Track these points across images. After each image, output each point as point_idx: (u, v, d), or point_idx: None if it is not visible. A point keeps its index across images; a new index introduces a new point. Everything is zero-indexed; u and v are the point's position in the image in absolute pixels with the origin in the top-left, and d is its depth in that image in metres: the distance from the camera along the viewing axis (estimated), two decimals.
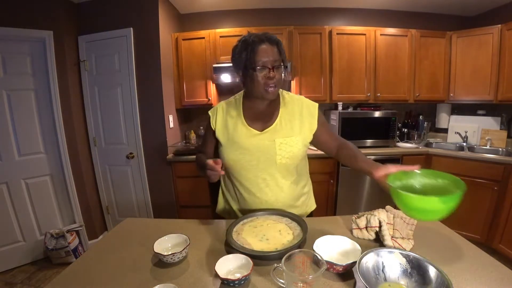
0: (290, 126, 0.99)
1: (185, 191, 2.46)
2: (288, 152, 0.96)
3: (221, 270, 0.66)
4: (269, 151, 0.96)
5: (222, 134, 1.02)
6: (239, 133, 0.98)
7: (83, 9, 2.31)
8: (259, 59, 0.86)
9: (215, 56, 2.53)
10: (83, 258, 0.84)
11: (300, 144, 0.98)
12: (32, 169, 2.16)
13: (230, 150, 0.99)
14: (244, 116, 1.00)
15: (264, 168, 0.98)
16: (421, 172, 0.77)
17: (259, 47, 0.86)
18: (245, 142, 0.97)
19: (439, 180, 0.74)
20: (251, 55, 0.86)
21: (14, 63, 2.02)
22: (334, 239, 0.78)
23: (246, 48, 0.87)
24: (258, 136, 0.97)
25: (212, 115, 1.06)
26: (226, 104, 1.06)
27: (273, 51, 0.87)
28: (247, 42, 0.88)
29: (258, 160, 0.97)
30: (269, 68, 0.87)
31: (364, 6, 2.83)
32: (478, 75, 2.46)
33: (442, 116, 2.89)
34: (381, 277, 0.63)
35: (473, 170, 2.18)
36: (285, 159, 0.96)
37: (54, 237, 2.13)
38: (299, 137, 0.98)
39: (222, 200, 1.16)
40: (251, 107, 1.01)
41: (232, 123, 1.01)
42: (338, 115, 2.50)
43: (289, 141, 0.96)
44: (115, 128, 2.45)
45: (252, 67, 0.87)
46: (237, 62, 0.92)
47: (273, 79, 0.88)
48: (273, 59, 0.87)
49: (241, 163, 0.98)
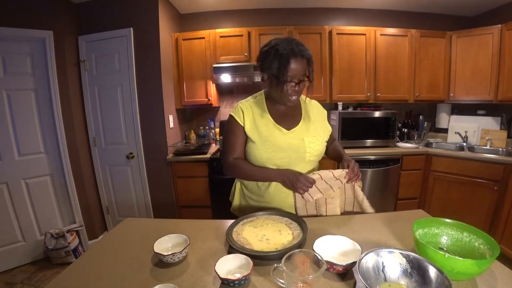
0: (313, 127, 1.07)
1: (185, 191, 2.46)
2: (316, 150, 1.04)
3: (221, 270, 0.66)
4: (299, 149, 1.02)
5: (253, 132, 1.03)
6: (271, 132, 1.03)
7: (83, 9, 2.31)
8: (291, 74, 0.91)
9: (215, 56, 2.53)
10: (83, 258, 0.83)
11: (324, 143, 1.08)
12: (32, 169, 2.16)
13: (263, 148, 1.01)
14: (271, 116, 1.05)
15: (294, 165, 1.03)
16: (448, 222, 0.76)
17: (292, 62, 0.89)
18: (278, 140, 1.02)
19: (464, 233, 0.74)
20: (283, 68, 0.89)
21: (14, 63, 2.02)
22: (334, 239, 0.78)
23: (279, 58, 0.89)
24: (288, 135, 1.03)
25: (237, 114, 1.06)
26: (249, 103, 1.08)
27: (303, 66, 0.92)
28: (280, 52, 0.89)
29: (290, 157, 1.02)
30: (295, 82, 0.93)
31: (364, 6, 2.83)
32: (478, 75, 2.46)
33: (442, 116, 2.89)
34: (381, 277, 0.63)
35: (473, 170, 2.18)
36: (313, 156, 1.04)
37: (54, 237, 2.13)
38: (322, 137, 1.08)
39: (239, 197, 1.16)
40: (276, 108, 1.07)
41: (262, 122, 1.04)
42: (338, 115, 2.50)
43: (315, 140, 1.05)
44: (115, 128, 2.45)
45: (282, 80, 0.91)
46: (266, 67, 0.95)
47: (297, 92, 0.96)
48: (302, 73, 0.93)
49: (273, 160, 1.02)
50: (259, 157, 1.02)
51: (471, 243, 0.72)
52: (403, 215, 1.04)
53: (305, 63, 0.92)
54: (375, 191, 2.49)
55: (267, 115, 1.04)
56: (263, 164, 1.03)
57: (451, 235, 0.76)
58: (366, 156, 2.42)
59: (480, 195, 2.16)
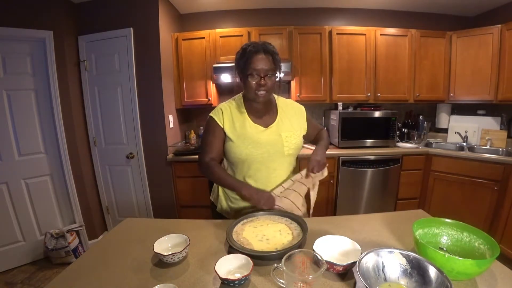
0: (289, 123, 1.12)
1: (185, 191, 2.46)
2: (294, 144, 1.09)
3: (221, 270, 0.66)
4: (277, 144, 1.07)
5: (231, 132, 1.07)
6: (248, 129, 1.06)
7: (83, 9, 2.31)
8: (253, 67, 0.96)
9: (215, 56, 2.53)
10: (83, 258, 0.84)
11: (301, 137, 1.14)
12: (32, 169, 2.16)
13: (242, 145, 1.05)
14: (249, 115, 1.09)
15: (273, 159, 1.08)
16: (448, 222, 0.77)
17: (254, 57, 0.96)
18: (256, 137, 1.06)
19: (464, 233, 0.74)
20: (247, 63, 0.97)
21: (14, 63, 2.02)
22: (334, 239, 0.78)
23: (244, 55, 0.98)
24: (265, 131, 1.08)
25: (217, 115, 1.09)
26: (228, 104, 1.12)
27: (267, 60, 0.96)
28: (246, 50, 0.98)
29: (268, 152, 1.06)
30: (261, 76, 0.96)
31: (364, 6, 2.83)
32: (478, 75, 2.46)
33: (442, 116, 2.89)
34: (381, 277, 0.63)
35: (473, 170, 2.18)
36: (291, 150, 1.09)
37: (54, 237, 2.13)
38: (298, 132, 1.13)
39: (224, 200, 1.16)
40: (252, 107, 1.10)
41: (239, 121, 1.08)
42: (338, 115, 2.50)
43: (292, 134, 1.10)
44: (115, 128, 2.45)
45: (247, 73, 0.97)
46: (236, 66, 1.04)
47: (263, 86, 0.98)
48: (267, 68, 0.96)
49: (254, 156, 1.05)
50: (239, 154, 1.05)
51: (471, 243, 0.72)
52: (403, 215, 1.04)
53: (270, 59, 0.97)
54: (375, 191, 2.49)
55: (245, 115, 1.09)
56: (244, 160, 1.06)
57: (451, 235, 0.76)
58: (366, 156, 2.42)
59: (480, 195, 2.16)
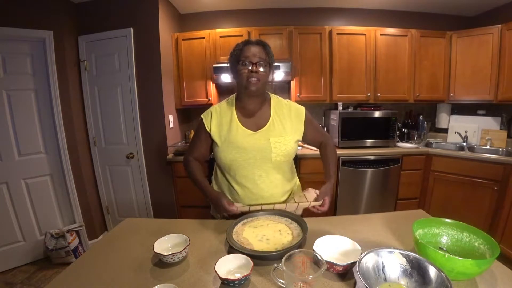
0: (282, 127, 1.06)
1: (185, 191, 2.46)
2: (283, 150, 1.03)
3: (221, 270, 0.66)
4: (265, 150, 1.02)
5: (217, 135, 1.06)
6: (234, 133, 1.03)
7: (83, 9, 2.31)
8: (245, 55, 0.97)
9: (215, 56, 2.53)
10: (83, 258, 0.84)
11: (292, 143, 1.06)
12: (32, 169, 2.16)
13: (227, 150, 1.03)
14: (238, 117, 1.06)
15: (260, 165, 1.03)
16: (448, 222, 0.77)
17: (246, 46, 0.98)
18: (241, 141, 1.02)
19: (464, 233, 0.74)
20: (239, 53, 0.99)
21: (14, 63, 2.02)
22: (334, 239, 0.78)
23: (236, 48, 1.01)
24: (253, 135, 1.03)
25: (206, 117, 1.10)
26: (219, 106, 1.12)
27: (258, 50, 0.98)
28: (239, 44, 1.01)
29: (255, 158, 1.02)
30: (252, 63, 0.96)
31: (364, 6, 2.83)
32: (478, 75, 2.46)
33: (442, 116, 2.89)
34: (381, 277, 0.63)
35: (473, 170, 2.18)
36: (279, 157, 1.03)
37: (54, 237, 2.13)
38: (291, 137, 1.06)
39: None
40: (244, 108, 1.07)
41: (226, 124, 1.06)
42: (338, 115, 2.50)
43: (282, 140, 1.03)
44: (115, 128, 2.45)
45: (238, 61, 0.98)
46: (230, 62, 1.04)
47: (255, 73, 0.97)
48: (258, 56, 0.97)
49: (238, 161, 1.02)
50: (223, 159, 1.04)
51: (471, 243, 0.72)
52: (403, 215, 1.04)
53: (262, 50, 0.98)
54: (375, 191, 2.49)
55: (234, 118, 1.06)
56: (229, 165, 1.04)
57: (451, 235, 0.76)
58: (366, 156, 2.42)
59: (480, 195, 2.16)
